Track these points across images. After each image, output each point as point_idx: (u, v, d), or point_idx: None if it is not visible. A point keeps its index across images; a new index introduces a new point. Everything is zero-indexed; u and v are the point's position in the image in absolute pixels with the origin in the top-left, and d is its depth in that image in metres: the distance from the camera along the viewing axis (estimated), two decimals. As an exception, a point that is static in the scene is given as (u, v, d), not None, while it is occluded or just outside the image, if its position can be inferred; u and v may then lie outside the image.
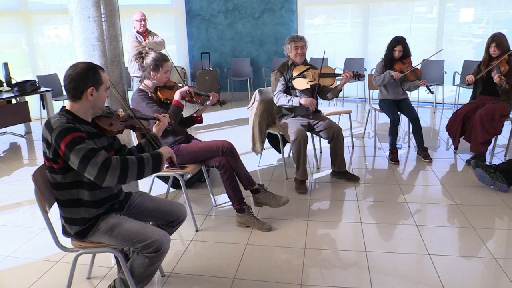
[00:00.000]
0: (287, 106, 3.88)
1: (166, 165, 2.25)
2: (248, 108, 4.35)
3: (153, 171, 2.02)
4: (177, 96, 3.06)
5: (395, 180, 4.00)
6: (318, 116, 4.02)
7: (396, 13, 8.17)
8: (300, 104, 3.79)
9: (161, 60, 3.02)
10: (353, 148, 5.04)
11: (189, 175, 3.77)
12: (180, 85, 3.33)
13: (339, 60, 7.98)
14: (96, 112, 2.08)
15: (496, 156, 4.53)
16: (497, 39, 4.23)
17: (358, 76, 4.01)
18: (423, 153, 4.50)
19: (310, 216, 3.31)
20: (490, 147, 4.36)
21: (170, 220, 2.33)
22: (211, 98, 3.28)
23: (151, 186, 3.28)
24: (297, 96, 3.89)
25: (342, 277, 2.52)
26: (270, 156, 4.64)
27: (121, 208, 2.21)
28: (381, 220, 3.24)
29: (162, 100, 3.12)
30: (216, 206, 3.55)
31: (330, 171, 4.15)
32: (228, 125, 6.35)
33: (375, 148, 5.03)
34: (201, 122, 3.41)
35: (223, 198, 3.61)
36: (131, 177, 1.92)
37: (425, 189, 3.87)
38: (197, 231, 3.12)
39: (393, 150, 4.54)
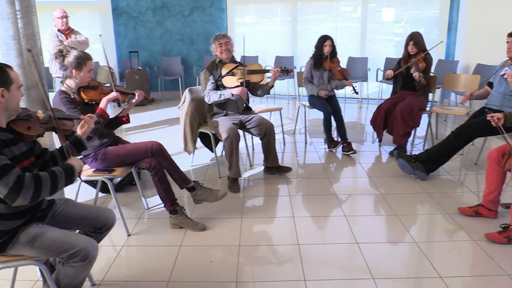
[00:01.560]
0: (220, 101, 3.87)
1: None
2: (178, 108, 4.28)
3: (65, 185, 1.93)
4: (103, 103, 2.91)
5: (325, 174, 4.14)
6: (250, 113, 4.05)
7: (323, 12, 8.45)
8: (232, 94, 3.80)
9: (84, 58, 2.87)
10: (284, 144, 5.14)
11: (118, 179, 3.65)
12: (108, 85, 3.20)
13: (269, 58, 8.10)
14: (11, 115, 1.92)
15: (416, 147, 4.84)
16: (415, 38, 4.52)
17: (286, 71, 4.09)
18: (347, 147, 4.69)
19: (244, 213, 3.34)
20: (410, 139, 4.64)
21: (97, 226, 2.23)
22: (136, 96, 3.18)
23: (78, 191, 3.12)
24: (227, 95, 3.91)
25: (276, 271, 2.57)
26: (202, 156, 4.61)
27: (44, 217, 2.08)
28: (312, 213, 3.35)
29: (86, 101, 2.97)
30: (148, 209, 3.46)
31: (263, 168, 4.21)
32: (159, 125, 6.21)
33: (306, 143, 5.18)
34: (128, 122, 3.30)
35: (155, 200, 3.53)
36: (44, 195, 1.81)
37: (353, 181, 4.05)
38: (129, 235, 3.02)
39: (330, 138, 4.79)
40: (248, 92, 4.05)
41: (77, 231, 2.22)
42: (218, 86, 3.91)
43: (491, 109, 3.87)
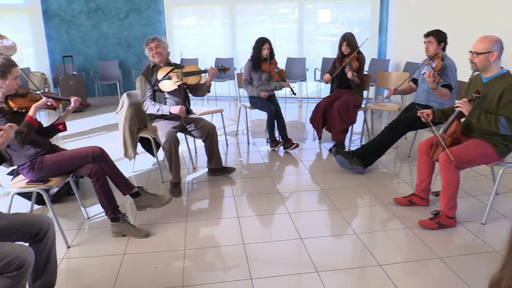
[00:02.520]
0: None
1: None
2: (116, 113, 4.17)
3: None
4: (31, 111, 2.77)
5: (268, 173, 4.21)
6: (190, 116, 4.03)
7: (262, 14, 8.57)
8: (170, 113, 3.77)
9: (8, 66, 2.72)
10: (227, 145, 5.16)
11: (55, 189, 3.50)
12: (38, 92, 3.05)
13: (209, 60, 8.09)
14: None
15: (353, 142, 5.04)
16: (348, 38, 4.70)
17: (223, 70, 4.11)
18: (288, 143, 4.79)
19: (188, 216, 3.32)
20: (348, 135, 4.83)
21: (33, 232, 2.14)
22: (72, 103, 3.06)
23: (10, 205, 2.94)
24: (165, 98, 3.86)
25: (222, 272, 2.58)
26: (144, 161, 4.52)
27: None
28: (257, 212, 3.39)
29: (16, 109, 2.82)
30: (88, 218, 3.34)
31: (206, 170, 4.20)
32: (98, 132, 6.01)
33: (249, 144, 5.23)
34: (65, 130, 3.18)
35: (95, 209, 3.42)
36: None
37: (295, 178, 4.14)
38: (68, 247, 2.91)
39: (273, 138, 4.86)
40: (188, 94, 4.04)
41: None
42: (155, 92, 3.86)
43: (419, 104, 4.13)
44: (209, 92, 4.16)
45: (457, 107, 2.99)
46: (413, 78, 4.38)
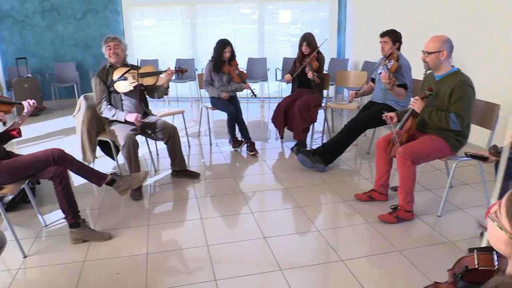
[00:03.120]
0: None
1: None
2: (74, 116, 4.05)
3: None
4: None
5: (231, 173, 4.21)
6: (150, 117, 3.97)
7: (222, 14, 8.55)
8: (126, 121, 3.70)
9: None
10: (189, 147, 5.12)
11: (10, 196, 3.36)
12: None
13: (170, 60, 8.00)
14: None
15: (315, 141, 5.12)
16: (308, 39, 4.77)
17: (181, 71, 4.06)
18: (251, 147, 4.80)
19: (150, 220, 3.27)
20: (309, 134, 4.90)
21: None
22: (26, 107, 2.95)
23: (-40, 215, 2.82)
24: (122, 99, 3.79)
25: (186, 274, 2.55)
26: (104, 164, 4.41)
27: None
28: (220, 213, 3.38)
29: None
30: (46, 226, 3.22)
31: (169, 172, 4.15)
32: (55, 136, 5.81)
33: (211, 144, 5.21)
34: (20, 136, 3.05)
35: (53, 216, 3.31)
36: None
37: (258, 178, 4.16)
38: (25, 257, 2.79)
39: (234, 138, 4.86)
40: (146, 95, 3.99)
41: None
42: (111, 93, 3.78)
43: (377, 102, 4.26)
44: (166, 94, 4.10)
45: (412, 105, 3.11)
46: (371, 78, 4.50)
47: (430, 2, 5.47)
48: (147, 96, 4.07)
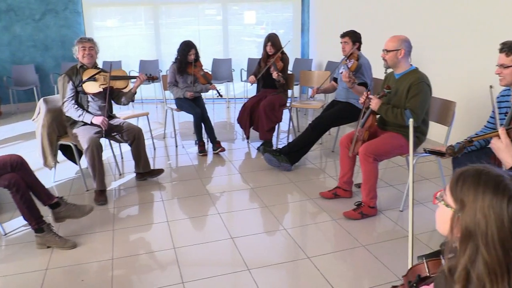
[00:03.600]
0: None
1: None
2: (33, 120, 3.93)
3: None
4: None
5: (197, 175, 4.19)
6: (115, 120, 3.90)
7: (187, 15, 8.48)
8: (92, 123, 3.63)
9: None
10: (155, 149, 5.06)
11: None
12: None
13: (133, 62, 7.87)
14: None
15: (281, 141, 5.16)
16: (272, 39, 4.81)
17: (152, 79, 4.03)
18: (216, 146, 4.79)
19: (115, 224, 3.21)
20: (275, 134, 4.94)
21: None
22: None
23: None
24: (88, 101, 3.71)
25: (153, 279, 2.52)
26: (66, 169, 4.30)
27: None
28: (187, 215, 3.36)
29: None
30: (5, 234, 3.10)
31: (134, 175, 4.09)
32: (13, 141, 5.60)
33: (177, 146, 5.17)
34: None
35: (13, 224, 3.20)
36: None
37: (225, 179, 4.16)
38: (-17, 267, 2.70)
39: (200, 142, 4.80)
40: (111, 99, 3.92)
41: None
42: (78, 93, 3.70)
43: (340, 101, 4.35)
44: (132, 101, 4.03)
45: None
46: (334, 77, 4.59)
47: (389, 5, 5.63)
48: (112, 101, 4.00)
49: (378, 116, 3.34)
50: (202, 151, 4.78)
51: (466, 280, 0.98)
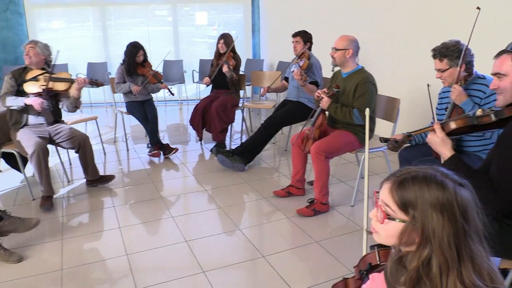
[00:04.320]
0: (16, 108, 3.54)
1: None
2: (-29, 128, 3.72)
3: None
4: None
5: (150, 179, 4.12)
6: (59, 125, 3.76)
7: (136, 16, 8.30)
8: (25, 104, 3.50)
9: None
10: (105, 154, 4.91)
11: None
12: None
13: (81, 65, 7.62)
14: None
15: (234, 141, 5.17)
16: (225, 37, 4.83)
17: (96, 84, 3.90)
18: (168, 150, 4.69)
19: (65, 233, 3.09)
20: (228, 134, 4.94)
21: None
22: None
23: None
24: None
25: (105, 287, 2.46)
26: (10, 178, 4.10)
27: None
28: (140, 220, 3.29)
29: None
30: None
31: (83, 182, 3.96)
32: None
33: (128, 150, 5.05)
34: None
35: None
36: None
37: (178, 182, 4.12)
38: None
39: (156, 147, 4.70)
40: (57, 103, 3.77)
41: None
42: (20, 92, 3.57)
43: (291, 100, 4.41)
44: (77, 107, 3.81)
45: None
46: (285, 77, 4.66)
47: (338, 8, 5.77)
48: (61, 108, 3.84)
49: (327, 114, 3.42)
50: (154, 150, 4.66)
51: (416, 281, 1.00)
